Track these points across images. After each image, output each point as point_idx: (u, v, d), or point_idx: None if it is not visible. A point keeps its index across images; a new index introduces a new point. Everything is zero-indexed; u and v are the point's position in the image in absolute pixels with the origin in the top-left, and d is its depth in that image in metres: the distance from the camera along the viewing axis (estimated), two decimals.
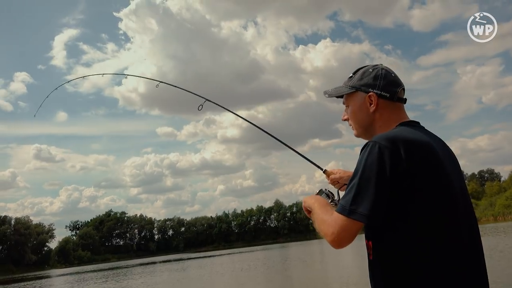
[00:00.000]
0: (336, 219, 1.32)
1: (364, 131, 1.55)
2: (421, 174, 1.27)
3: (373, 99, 1.48)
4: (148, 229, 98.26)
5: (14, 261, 69.61)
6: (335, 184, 1.94)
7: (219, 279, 19.15)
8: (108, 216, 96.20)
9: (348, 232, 1.29)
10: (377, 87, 1.48)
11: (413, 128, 1.42)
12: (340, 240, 1.31)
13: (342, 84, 1.60)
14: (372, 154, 1.29)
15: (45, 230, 79.89)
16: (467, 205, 1.34)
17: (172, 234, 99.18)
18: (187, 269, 28.95)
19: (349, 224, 1.28)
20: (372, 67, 1.53)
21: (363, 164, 1.31)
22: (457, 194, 1.31)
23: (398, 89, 1.49)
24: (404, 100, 1.52)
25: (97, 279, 29.43)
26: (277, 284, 14.95)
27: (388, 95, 1.47)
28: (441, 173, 1.30)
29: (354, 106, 1.54)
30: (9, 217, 76.26)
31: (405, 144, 1.29)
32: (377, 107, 1.48)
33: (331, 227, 1.32)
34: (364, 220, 1.26)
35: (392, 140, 1.30)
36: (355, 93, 1.53)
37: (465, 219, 1.31)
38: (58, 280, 37.07)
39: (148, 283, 20.77)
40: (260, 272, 20.22)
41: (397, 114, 1.49)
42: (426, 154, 1.30)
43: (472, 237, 1.32)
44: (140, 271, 33.52)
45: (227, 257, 41.06)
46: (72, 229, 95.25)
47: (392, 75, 1.51)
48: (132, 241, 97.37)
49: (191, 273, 25.00)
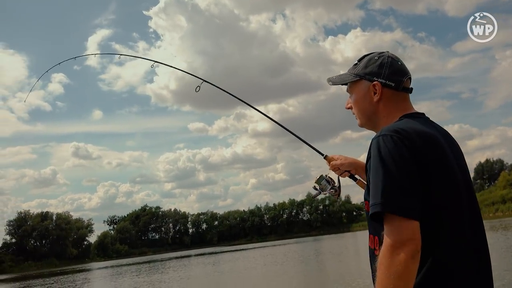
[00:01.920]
0: (390, 228, 1.18)
1: (367, 121, 1.50)
2: (429, 166, 1.24)
3: (378, 88, 1.43)
4: (182, 223, 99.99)
5: (57, 255, 72.57)
6: (335, 170, 1.92)
7: (251, 273, 19.13)
8: (144, 211, 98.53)
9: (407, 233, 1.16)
10: (382, 75, 1.43)
11: (417, 120, 1.37)
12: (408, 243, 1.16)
13: (347, 71, 1.55)
14: (389, 146, 1.24)
15: (85, 225, 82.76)
16: (471, 198, 1.32)
17: (206, 228, 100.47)
18: (220, 263, 29.19)
19: (404, 224, 1.16)
20: (378, 55, 1.47)
21: (380, 158, 1.24)
22: (461, 187, 1.30)
23: (404, 78, 1.44)
24: (410, 90, 1.46)
25: (133, 272, 30.18)
26: (310, 278, 14.74)
27: (393, 84, 1.42)
28: (447, 165, 1.28)
29: (358, 94, 1.49)
30: (50, 213, 79.70)
31: (415, 135, 1.26)
32: (381, 96, 1.43)
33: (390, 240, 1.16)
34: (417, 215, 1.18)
35: (403, 131, 1.26)
36: (360, 81, 1.48)
37: (469, 213, 1.29)
38: (98, 272, 38.35)
39: (182, 277, 21.05)
40: (293, 266, 20.06)
41: (401, 104, 1.44)
42: (433, 146, 1.28)
43: (475, 231, 1.30)
44: (174, 265, 34.12)
45: (260, 250, 41.16)
46: (110, 223, 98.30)
47: (398, 63, 1.45)
48: (167, 235, 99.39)
49: (223, 266, 25.16)
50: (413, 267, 1.13)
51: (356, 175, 1.92)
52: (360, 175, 1.91)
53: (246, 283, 15.51)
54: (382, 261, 1.15)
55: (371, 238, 1.36)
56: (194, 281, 18.67)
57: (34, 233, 73.86)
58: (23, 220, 74.56)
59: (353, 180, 1.90)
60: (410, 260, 1.12)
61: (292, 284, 13.25)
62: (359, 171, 1.90)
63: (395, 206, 1.17)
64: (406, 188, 1.19)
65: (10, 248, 72.10)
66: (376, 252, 1.31)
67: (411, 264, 1.12)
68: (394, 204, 1.17)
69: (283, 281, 14.42)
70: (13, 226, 73.67)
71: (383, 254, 1.15)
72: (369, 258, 1.39)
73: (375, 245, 1.33)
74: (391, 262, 1.12)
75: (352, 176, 1.91)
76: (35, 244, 75.09)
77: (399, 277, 1.11)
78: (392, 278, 1.11)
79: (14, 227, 73.51)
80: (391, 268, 1.12)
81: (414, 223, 1.16)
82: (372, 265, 1.33)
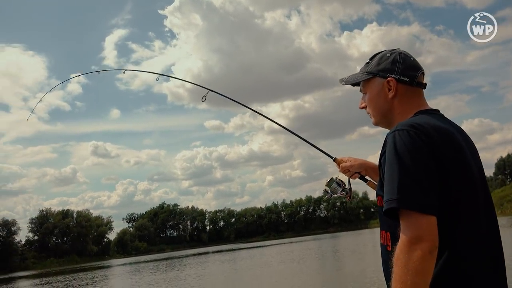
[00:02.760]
0: (406, 225, 1.16)
1: (382, 119, 1.49)
2: (447, 162, 1.22)
3: (392, 84, 1.42)
4: (200, 221, 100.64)
5: (78, 252, 73.93)
6: (345, 172, 1.91)
7: (267, 270, 19.10)
8: (162, 208, 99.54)
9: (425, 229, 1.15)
10: (396, 71, 1.42)
11: (433, 116, 1.36)
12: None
13: (359, 70, 1.54)
14: (405, 141, 1.22)
15: (104, 222, 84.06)
16: (486, 194, 1.31)
17: (223, 225, 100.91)
18: (237, 260, 29.27)
19: (420, 219, 1.15)
20: (390, 52, 1.47)
21: (396, 153, 1.22)
22: (478, 184, 1.29)
23: (418, 73, 1.43)
24: (424, 85, 1.45)
25: (151, 269, 30.52)
26: (328, 275, 14.61)
27: (407, 79, 1.41)
28: (464, 162, 1.27)
29: (372, 92, 1.48)
30: (71, 211, 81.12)
31: (433, 130, 1.25)
32: (396, 92, 1.42)
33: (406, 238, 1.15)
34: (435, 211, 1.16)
35: (420, 126, 1.24)
36: (373, 79, 1.47)
37: (485, 209, 1.28)
38: (118, 269, 38.94)
39: (199, 274, 21.16)
40: (310, 263, 19.94)
41: (416, 100, 1.43)
42: (450, 142, 1.26)
43: (491, 229, 1.29)
44: (191, 262, 34.36)
45: (277, 247, 41.13)
46: (129, 221, 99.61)
47: (411, 58, 1.45)
48: (185, 232, 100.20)
49: (240, 264, 25.19)
50: (430, 263, 1.12)
51: (366, 176, 1.91)
52: (370, 176, 1.90)
53: (262, 280, 15.47)
54: (399, 257, 1.13)
55: (383, 234, 1.35)
56: (211, 278, 18.74)
57: (55, 230, 75.37)
58: (45, 218, 76.19)
59: (364, 181, 1.90)
60: (428, 255, 1.11)
61: (309, 282, 13.15)
62: (369, 172, 1.90)
63: (412, 202, 1.15)
64: (423, 183, 1.17)
65: (33, 245, 73.76)
66: (388, 248, 1.31)
67: (429, 260, 1.12)
68: (411, 200, 1.15)
69: (301, 279, 14.32)
70: (35, 224, 75.34)
71: (400, 250, 1.14)
72: (381, 255, 1.38)
73: (387, 242, 1.32)
74: (409, 258, 1.11)
75: (362, 177, 1.91)
76: (57, 241, 76.62)
77: (417, 272, 1.11)
78: (410, 273, 1.11)
79: (37, 224, 75.16)
80: (409, 264, 1.11)
81: (431, 218, 1.14)
82: (385, 261, 1.32)
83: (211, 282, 16.74)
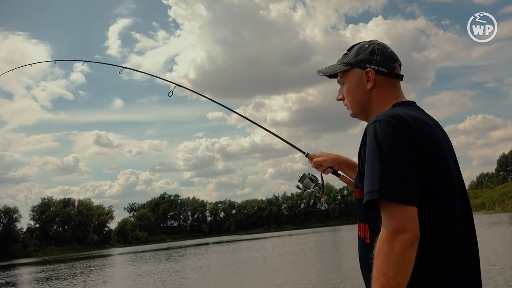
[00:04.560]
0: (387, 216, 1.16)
1: (360, 110, 1.48)
2: (426, 154, 1.22)
3: (371, 75, 1.42)
4: (201, 211, 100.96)
5: (78, 240, 74.36)
6: (318, 167, 1.92)
7: (267, 262, 19.14)
8: (163, 199, 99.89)
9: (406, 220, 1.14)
10: (375, 62, 1.42)
11: (411, 108, 1.37)
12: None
13: (337, 62, 1.53)
14: (386, 131, 1.21)
15: (105, 211, 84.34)
16: (461, 188, 1.31)
17: (224, 217, 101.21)
18: (236, 251, 29.33)
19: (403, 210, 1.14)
20: (368, 43, 1.47)
21: (377, 144, 1.21)
22: (454, 178, 1.28)
23: (396, 64, 1.44)
24: (401, 77, 1.46)
25: (147, 259, 30.67)
26: (327, 268, 14.62)
27: (385, 70, 1.42)
28: (442, 154, 1.27)
29: (350, 83, 1.47)
30: (72, 199, 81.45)
31: (413, 122, 1.24)
32: (375, 83, 1.42)
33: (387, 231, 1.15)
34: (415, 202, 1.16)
35: (400, 117, 1.24)
36: (351, 70, 1.47)
37: (461, 203, 1.28)
38: (120, 258, 39.13)
39: (199, 265, 21.22)
40: (310, 256, 19.97)
41: (394, 91, 1.44)
42: (429, 134, 1.26)
43: (467, 222, 1.29)
44: (191, 252, 34.52)
45: (277, 239, 41.24)
46: (130, 210, 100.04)
47: (388, 50, 1.46)
48: (185, 223, 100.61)
49: (239, 255, 25.26)
50: (412, 254, 1.12)
51: (339, 171, 1.91)
52: (343, 170, 1.91)
53: (261, 272, 15.50)
54: (381, 248, 1.12)
55: (361, 227, 1.34)
56: (208, 269, 18.79)
57: (57, 218, 75.77)
58: (47, 206, 76.50)
59: (336, 176, 1.89)
60: (410, 247, 1.11)
61: (309, 274, 13.17)
62: (342, 167, 1.91)
63: (393, 193, 1.14)
64: (404, 174, 1.16)
65: (34, 233, 74.16)
66: (367, 241, 1.30)
67: (411, 251, 1.11)
68: (393, 191, 1.14)
69: (300, 271, 14.34)
70: (37, 212, 75.71)
71: (382, 241, 1.13)
72: (359, 248, 1.37)
73: (365, 234, 1.31)
74: (391, 249, 1.10)
75: (335, 172, 1.90)
76: (58, 229, 77.02)
77: (399, 263, 1.10)
78: (392, 265, 1.10)
79: (38, 212, 75.52)
80: (391, 255, 1.10)
81: (413, 209, 1.14)
82: (363, 254, 1.32)
83: (208, 274, 16.78)
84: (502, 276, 8.97)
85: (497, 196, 55.62)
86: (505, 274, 9.13)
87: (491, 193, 59.84)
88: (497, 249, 13.15)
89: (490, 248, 13.02)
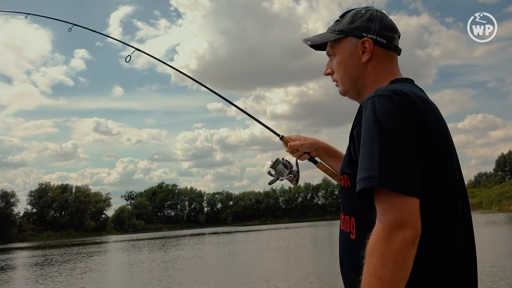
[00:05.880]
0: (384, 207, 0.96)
1: (352, 86, 1.26)
2: (431, 137, 1.03)
3: (368, 45, 1.21)
4: (198, 202, 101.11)
5: (75, 226, 74.50)
6: (293, 152, 1.65)
7: (262, 255, 19.10)
8: (161, 188, 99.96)
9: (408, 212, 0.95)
10: (372, 31, 1.21)
11: (412, 86, 1.18)
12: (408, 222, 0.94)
13: (326, 30, 1.31)
14: (388, 108, 1.00)
15: (103, 199, 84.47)
16: (462, 182, 1.13)
17: (221, 208, 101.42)
18: (232, 243, 29.34)
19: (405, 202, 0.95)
20: (365, 9, 1.26)
21: (376, 122, 1.00)
22: (457, 170, 1.11)
23: (395, 35, 1.24)
24: (399, 51, 1.26)
25: (142, 247, 30.68)
26: (323, 262, 14.57)
27: (384, 41, 1.21)
28: (447, 141, 1.09)
29: (343, 55, 1.26)
30: (70, 186, 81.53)
31: (418, 99, 1.05)
32: (372, 55, 1.21)
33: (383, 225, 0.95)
34: (417, 192, 0.96)
35: (402, 92, 1.04)
36: (345, 39, 1.25)
37: (461, 196, 1.10)
38: (114, 245, 39.16)
39: (194, 255, 21.19)
40: (306, 250, 19.93)
41: (391, 66, 1.24)
42: (436, 118, 1.07)
43: (466, 218, 1.12)
44: (187, 242, 34.51)
45: (273, 232, 41.29)
46: (127, 199, 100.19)
47: (388, 18, 1.26)
48: (182, 212, 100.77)
49: (235, 247, 25.23)
50: (412, 254, 0.93)
51: (316, 157, 1.66)
52: (321, 157, 1.65)
53: (253, 265, 15.45)
54: (376, 246, 0.93)
55: (346, 220, 1.15)
56: (200, 260, 18.74)
57: (54, 204, 75.79)
58: (44, 192, 76.50)
59: (314, 163, 1.65)
60: (410, 245, 0.92)
61: (300, 269, 13.10)
62: (320, 153, 1.65)
63: (394, 181, 0.94)
64: (407, 158, 0.96)
65: (31, 218, 74.26)
66: (352, 236, 1.11)
67: (411, 250, 0.92)
68: (393, 178, 0.94)
69: (292, 265, 14.29)
70: (34, 197, 75.72)
71: (377, 237, 0.93)
72: (340, 244, 1.18)
73: (350, 228, 1.12)
74: (388, 248, 0.91)
75: (312, 158, 1.66)
76: (55, 215, 77.13)
77: (397, 265, 0.91)
78: (389, 266, 0.90)
79: (35, 197, 75.55)
80: (388, 255, 0.91)
81: (415, 201, 0.95)
82: (346, 252, 1.16)
83: (199, 265, 16.72)
84: (498, 276, 8.90)
85: (494, 196, 55.63)
86: (499, 275, 9.05)
87: (489, 192, 59.88)
88: (493, 249, 13.09)
89: (486, 248, 12.96)
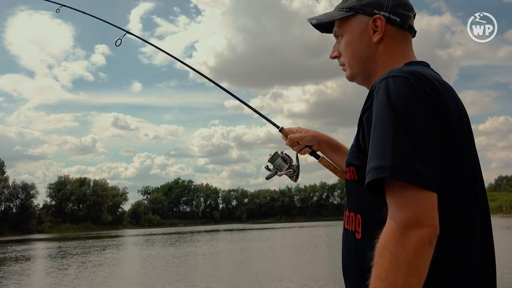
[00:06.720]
0: (397, 201, 0.83)
1: (362, 68, 1.12)
2: (452, 125, 0.90)
3: (380, 24, 1.07)
4: (213, 198, 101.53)
5: (92, 219, 75.70)
6: (294, 146, 1.53)
7: (276, 253, 18.99)
8: (177, 184, 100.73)
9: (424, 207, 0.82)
10: (385, 8, 1.07)
11: (429, 70, 1.04)
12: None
13: (334, 8, 1.18)
14: (403, 90, 0.88)
15: (120, 193, 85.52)
16: (481, 180, 1.01)
17: (236, 205, 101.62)
18: (246, 240, 29.32)
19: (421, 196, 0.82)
20: None
21: (390, 105, 0.87)
22: (477, 159, 0.99)
23: (411, 13, 1.10)
24: (415, 32, 1.12)
25: (157, 242, 30.91)
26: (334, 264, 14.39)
27: (398, 19, 1.07)
28: (468, 130, 0.97)
29: (352, 35, 1.12)
30: (88, 179, 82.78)
31: (437, 83, 0.92)
32: (384, 35, 1.07)
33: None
34: (435, 185, 0.84)
35: (420, 74, 0.91)
36: (354, 17, 1.11)
37: (481, 192, 0.98)
38: (130, 239, 39.66)
39: (209, 252, 21.22)
40: (320, 249, 19.75)
41: (405, 47, 1.10)
42: (457, 104, 0.96)
43: (485, 217, 0.98)
44: (202, 238, 34.69)
45: (287, 231, 41.14)
46: (144, 193, 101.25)
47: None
48: (197, 209, 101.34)
49: (249, 244, 25.18)
50: (429, 255, 0.80)
51: (318, 151, 1.53)
52: (323, 151, 1.52)
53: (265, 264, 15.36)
54: (387, 246, 0.80)
55: (350, 217, 1.03)
56: (213, 257, 18.74)
57: (72, 197, 77.14)
58: (63, 184, 77.96)
59: (315, 157, 1.53)
60: (427, 246, 0.79)
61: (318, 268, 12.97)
62: (323, 147, 1.52)
63: (410, 172, 0.81)
64: (425, 147, 0.84)
65: (50, 210, 75.82)
66: (357, 235, 0.99)
67: (427, 251, 0.79)
68: (409, 169, 0.81)
69: (310, 264, 14.15)
70: (53, 189, 77.23)
71: (389, 237, 0.80)
72: (345, 244, 1.06)
73: (356, 227, 1.00)
74: (402, 248, 0.78)
75: (313, 152, 1.53)
76: (73, 207, 78.50)
77: (411, 268, 0.78)
78: (402, 270, 0.78)
79: (54, 190, 77.03)
80: (401, 256, 0.78)
81: (433, 196, 0.82)
82: (350, 252, 1.03)
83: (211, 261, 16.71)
84: None
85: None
86: None
87: (510, 196, 58.47)
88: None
89: (506, 255, 12.58)
